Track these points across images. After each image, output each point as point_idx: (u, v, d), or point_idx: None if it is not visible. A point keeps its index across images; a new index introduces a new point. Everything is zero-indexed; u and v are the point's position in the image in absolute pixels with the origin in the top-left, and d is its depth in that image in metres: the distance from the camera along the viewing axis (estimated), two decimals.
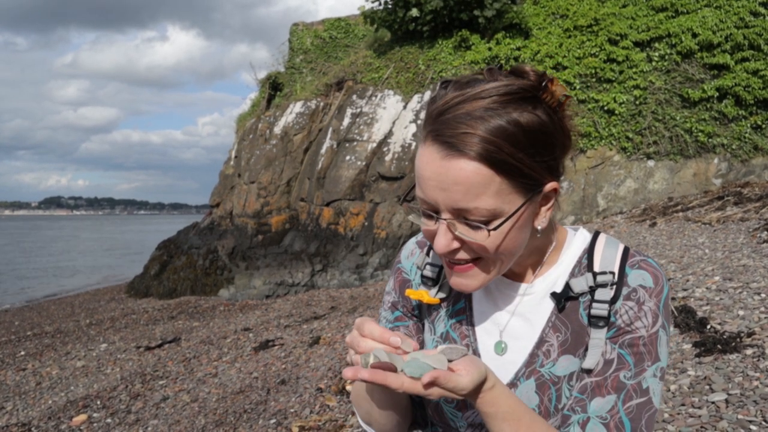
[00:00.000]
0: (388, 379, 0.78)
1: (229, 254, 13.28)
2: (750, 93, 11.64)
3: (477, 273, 0.92)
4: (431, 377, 0.78)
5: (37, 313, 12.25)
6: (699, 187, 11.51)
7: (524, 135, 0.83)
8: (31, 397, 5.78)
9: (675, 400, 2.82)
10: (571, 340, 0.96)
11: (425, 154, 0.86)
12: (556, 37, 13.30)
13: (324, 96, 14.87)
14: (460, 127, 0.83)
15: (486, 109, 0.83)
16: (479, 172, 0.82)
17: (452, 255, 0.90)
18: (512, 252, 0.91)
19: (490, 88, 0.84)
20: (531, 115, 0.84)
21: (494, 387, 0.85)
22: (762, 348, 3.15)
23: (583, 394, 0.93)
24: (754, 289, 4.22)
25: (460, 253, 0.90)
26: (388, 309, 1.15)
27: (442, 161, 0.83)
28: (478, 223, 0.85)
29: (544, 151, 0.86)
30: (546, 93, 0.87)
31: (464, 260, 0.91)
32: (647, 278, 0.94)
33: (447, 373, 0.79)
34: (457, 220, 0.86)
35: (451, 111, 0.84)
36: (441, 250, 0.89)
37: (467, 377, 0.81)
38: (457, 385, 0.79)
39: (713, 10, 12.68)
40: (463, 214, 0.85)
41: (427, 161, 0.86)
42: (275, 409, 4.40)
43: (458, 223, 0.87)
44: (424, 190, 0.87)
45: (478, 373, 0.82)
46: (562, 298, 0.97)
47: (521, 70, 0.88)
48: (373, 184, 12.72)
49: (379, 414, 1.03)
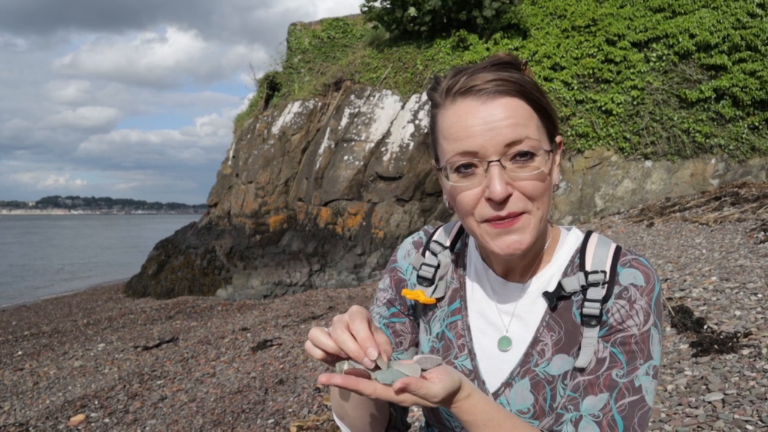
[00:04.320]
0: (360, 385, 0.78)
1: (226, 254, 13.27)
2: (747, 94, 11.67)
3: (526, 225, 0.91)
4: (403, 384, 0.78)
5: (35, 313, 12.23)
6: (696, 188, 11.54)
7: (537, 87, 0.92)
8: (29, 397, 5.77)
9: (672, 400, 2.83)
10: (564, 339, 0.97)
11: (460, 108, 0.90)
12: (554, 37, 13.31)
13: (322, 96, 14.87)
14: (485, 77, 0.89)
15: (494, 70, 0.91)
16: (522, 106, 0.89)
17: (504, 204, 0.89)
18: (547, 202, 0.94)
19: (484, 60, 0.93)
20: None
21: (470, 396, 0.86)
22: (758, 348, 3.16)
23: (576, 392, 0.93)
24: (751, 289, 4.23)
25: (512, 200, 0.89)
26: (384, 305, 1.14)
27: (484, 105, 0.88)
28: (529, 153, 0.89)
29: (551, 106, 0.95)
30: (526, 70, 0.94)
31: (515, 212, 0.90)
32: (638, 277, 0.94)
33: (418, 380, 0.80)
34: (508, 161, 0.89)
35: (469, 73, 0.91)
36: (498, 194, 0.87)
37: (439, 385, 0.81)
38: (428, 392, 0.80)
39: (710, 11, 12.71)
40: (515, 148, 0.88)
41: (466, 112, 0.89)
42: (273, 408, 4.41)
43: (509, 164, 0.89)
44: (466, 140, 0.88)
45: (450, 381, 0.83)
46: (554, 298, 0.98)
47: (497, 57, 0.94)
48: (371, 184, 12.72)
49: (352, 409, 1.03)
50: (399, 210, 12.24)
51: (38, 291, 17.62)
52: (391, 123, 13.22)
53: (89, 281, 19.84)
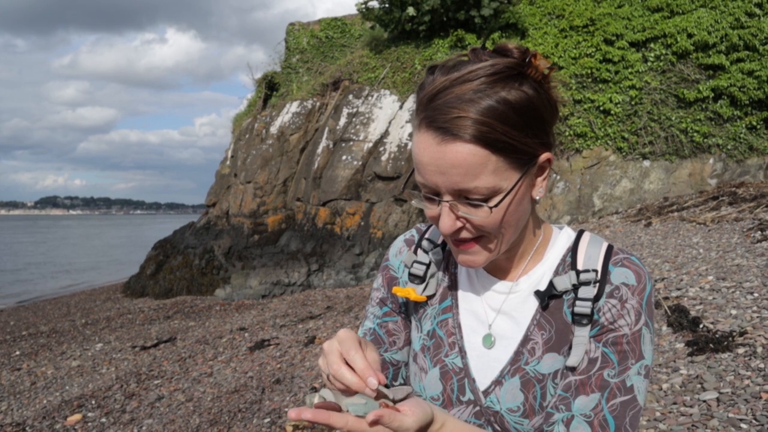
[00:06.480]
0: (331, 418, 0.78)
1: (225, 254, 13.27)
2: (745, 93, 11.69)
3: (481, 249, 0.94)
4: (375, 416, 0.77)
5: (33, 313, 12.22)
6: (694, 187, 11.55)
7: (514, 112, 0.85)
8: (26, 396, 5.76)
9: (667, 399, 2.83)
10: (555, 338, 0.97)
11: (421, 141, 0.88)
12: (552, 37, 13.32)
13: (320, 96, 14.87)
14: (451, 111, 0.85)
15: (475, 91, 0.85)
16: (475, 153, 0.84)
17: (457, 234, 0.93)
18: (514, 225, 0.94)
19: (476, 69, 0.86)
20: (518, 92, 0.86)
21: (444, 426, 0.86)
22: (754, 347, 3.17)
23: (567, 392, 0.93)
24: (747, 288, 4.24)
25: (464, 232, 0.92)
26: (377, 305, 1.15)
27: (439, 146, 0.85)
28: (479, 201, 0.88)
29: (534, 125, 0.88)
30: (530, 68, 0.88)
31: (468, 238, 0.93)
32: (630, 276, 0.94)
33: (391, 412, 0.79)
34: (459, 201, 0.89)
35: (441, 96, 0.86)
36: (446, 230, 0.91)
37: (412, 417, 0.81)
38: (401, 424, 0.79)
39: (708, 11, 12.72)
40: (464, 194, 0.88)
41: (423, 147, 0.88)
42: (270, 408, 4.41)
43: (460, 204, 0.89)
44: (423, 175, 0.89)
45: (423, 414, 0.82)
46: (545, 296, 0.98)
47: (504, 48, 0.89)
48: (370, 183, 12.72)
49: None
50: (397, 210, 12.24)
51: (35, 291, 17.60)
52: (389, 123, 13.22)
53: (87, 281, 19.82)
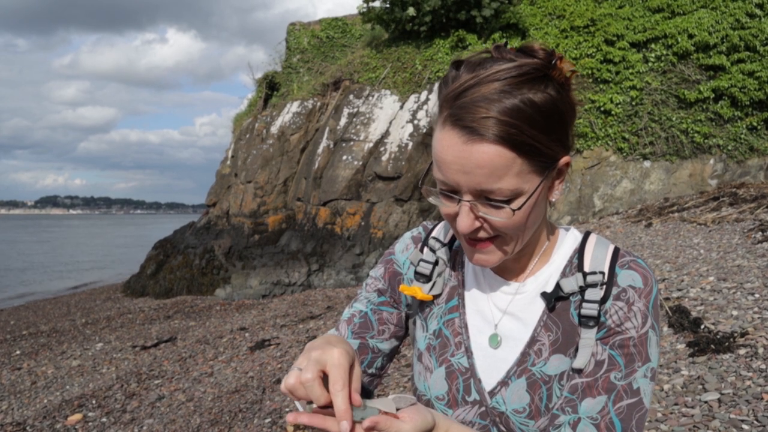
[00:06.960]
0: (327, 423, 0.77)
1: (225, 254, 13.26)
2: (746, 94, 11.68)
3: (496, 249, 0.94)
4: (371, 422, 0.77)
5: (33, 313, 12.22)
6: (695, 188, 11.55)
7: (540, 114, 0.85)
8: (27, 396, 5.76)
9: (668, 400, 2.83)
10: (561, 340, 0.97)
11: (445, 139, 0.87)
12: (553, 37, 13.32)
13: (321, 96, 14.86)
14: (478, 111, 0.84)
15: (501, 91, 0.84)
16: (501, 154, 0.84)
17: (474, 234, 0.92)
18: (530, 228, 0.93)
19: (503, 69, 0.85)
20: (544, 95, 0.85)
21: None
22: (755, 348, 3.17)
23: (574, 394, 0.93)
24: (748, 289, 4.24)
25: (481, 232, 0.92)
26: (374, 292, 1.13)
27: (464, 146, 0.85)
28: (500, 203, 0.87)
29: (557, 128, 0.88)
30: (555, 70, 0.88)
31: (484, 238, 0.93)
32: (637, 279, 0.94)
33: (387, 419, 0.78)
34: (479, 201, 0.88)
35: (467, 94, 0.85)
36: (464, 229, 0.90)
37: (410, 424, 0.80)
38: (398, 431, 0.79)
39: (709, 12, 12.72)
40: (485, 195, 0.87)
41: (447, 145, 0.87)
42: (270, 408, 4.41)
43: (480, 204, 0.88)
44: (445, 173, 0.88)
45: (422, 421, 0.81)
46: (552, 298, 0.98)
47: (530, 48, 0.89)
48: (370, 184, 12.72)
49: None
50: (398, 210, 12.24)
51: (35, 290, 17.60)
52: (390, 123, 13.22)
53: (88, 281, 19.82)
